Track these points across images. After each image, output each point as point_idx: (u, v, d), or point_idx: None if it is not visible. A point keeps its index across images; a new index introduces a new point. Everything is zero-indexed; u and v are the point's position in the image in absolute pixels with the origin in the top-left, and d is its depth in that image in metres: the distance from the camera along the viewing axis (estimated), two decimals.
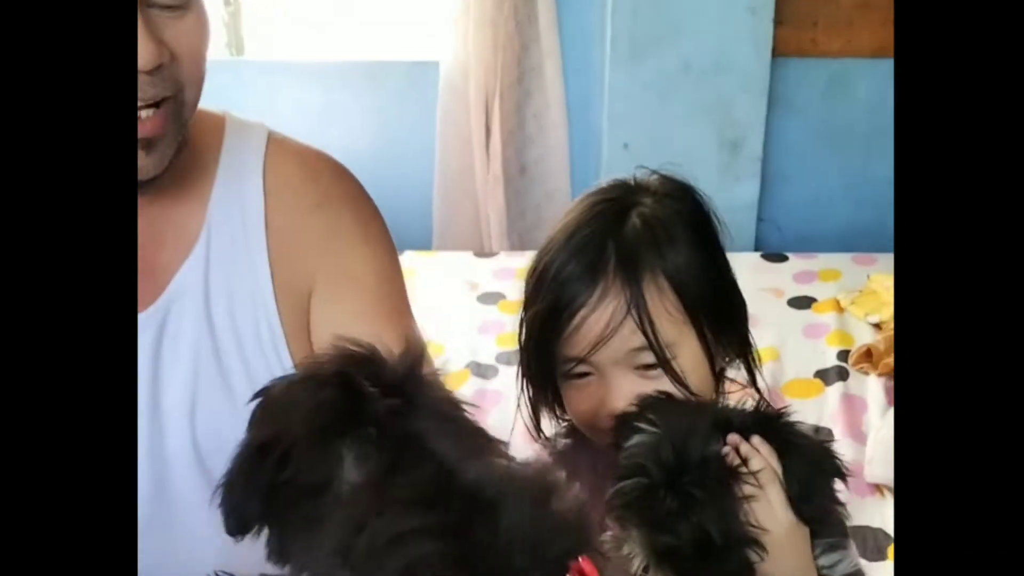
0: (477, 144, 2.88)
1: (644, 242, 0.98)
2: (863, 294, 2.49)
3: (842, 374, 2.20)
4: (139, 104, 0.87)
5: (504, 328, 2.37)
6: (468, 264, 2.70)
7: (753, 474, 0.85)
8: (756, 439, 0.88)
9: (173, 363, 1.00)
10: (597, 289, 0.96)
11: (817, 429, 0.98)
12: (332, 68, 3.01)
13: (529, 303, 1.04)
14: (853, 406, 2.09)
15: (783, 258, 2.76)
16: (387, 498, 0.63)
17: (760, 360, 1.08)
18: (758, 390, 1.06)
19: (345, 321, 1.02)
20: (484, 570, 0.63)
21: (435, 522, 0.62)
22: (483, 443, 0.71)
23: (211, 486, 1.03)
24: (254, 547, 0.96)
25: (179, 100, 0.91)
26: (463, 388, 2.11)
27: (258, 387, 1.02)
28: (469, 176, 2.93)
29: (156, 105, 0.89)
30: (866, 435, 1.97)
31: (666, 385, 0.97)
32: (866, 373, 2.19)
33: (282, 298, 1.03)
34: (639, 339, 0.96)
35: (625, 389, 0.97)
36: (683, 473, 0.85)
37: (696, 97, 2.80)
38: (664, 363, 0.96)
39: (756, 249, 2.91)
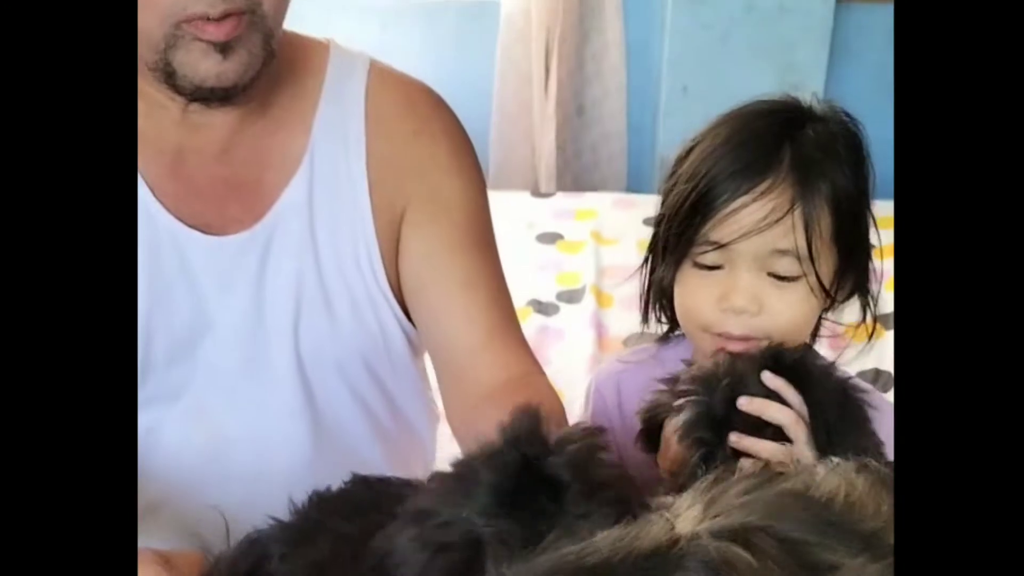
0: (536, 84, 2.88)
1: (822, 150, 0.97)
2: None
3: None
4: (209, 14, 0.89)
5: (562, 267, 2.39)
6: (525, 203, 2.71)
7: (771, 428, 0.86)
8: (767, 376, 0.88)
9: (277, 280, 1.03)
10: (766, 181, 0.95)
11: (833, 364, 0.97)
12: (391, 6, 3.01)
13: (678, 183, 1.02)
14: None
15: None
16: None
17: (874, 303, 1.07)
18: (869, 329, 1.06)
19: (433, 248, 1.06)
20: None
21: None
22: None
23: (310, 400, 1.08)
24: (342, 460, 1.00)
25: (258, 13, 0.93)
26: (524, 325, 2.13)
27: (357, 306, 1.07)
28: (526, 116, 2.93)
29: (227, 16, 0.90)
30: None
31: (789, 298, 0.96)
32: None
33: (379, 220, 1.05)
34: (788, 241, 0.94)
35: (753, 289, 0.96)
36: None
37: (757, 39, 2.78)
38: (808, 270, 0.95)
39: None
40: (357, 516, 0.85)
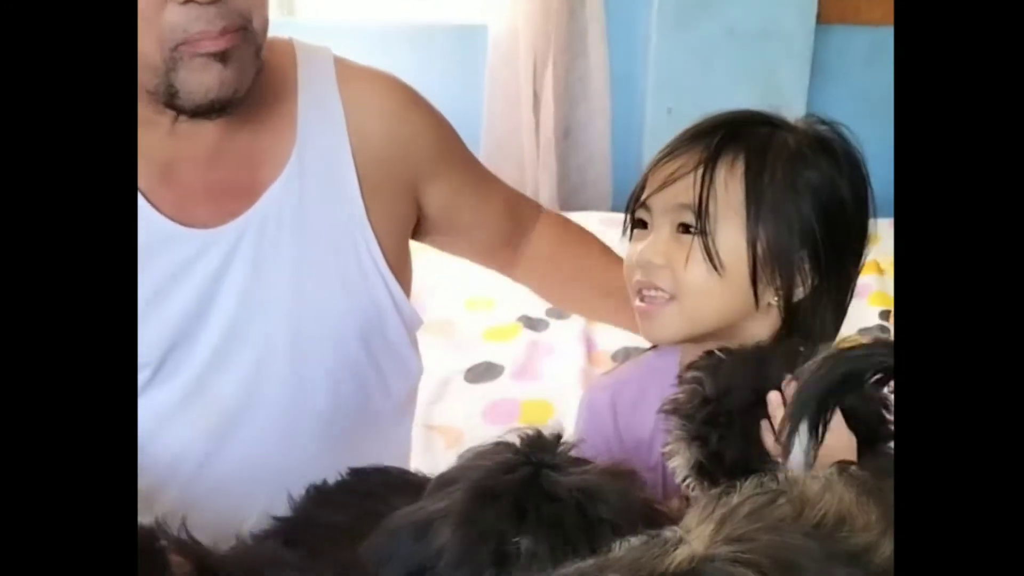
0: (525, 108, 2.93)
1: (750, 125, 1.04)
2: None
3: (884, 332, 2.26)
4: (208, 32, 0.96)
5: None
6: None
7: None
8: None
9: (275, 261, 1.10)
10: (684, 147, 1.03)
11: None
12: (380, 30, 3.06)
13: None
14: None
15: None
16: None
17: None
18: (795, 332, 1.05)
19: (455, 192, 1.24)
20: None
21: None
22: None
23: (305, 376, 1.14)
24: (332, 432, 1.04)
25: (249, 29, 1.00)
26: (515, 341, 2.18)
27: (350, 284, 1.14)
28: (515, 139, 2.98)
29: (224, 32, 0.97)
30: None
31: (697, 255, 0.99)
32: None
33: (368, 199, 1.14)
34: (688, 195, 0.99)
35: (660, 242, 1.01)
36: (726, 398, 0.91)
37: (740, 63, 2.85)
38: (701, 229, 0.99)
39: None
40: (351, 506, 0.90)
